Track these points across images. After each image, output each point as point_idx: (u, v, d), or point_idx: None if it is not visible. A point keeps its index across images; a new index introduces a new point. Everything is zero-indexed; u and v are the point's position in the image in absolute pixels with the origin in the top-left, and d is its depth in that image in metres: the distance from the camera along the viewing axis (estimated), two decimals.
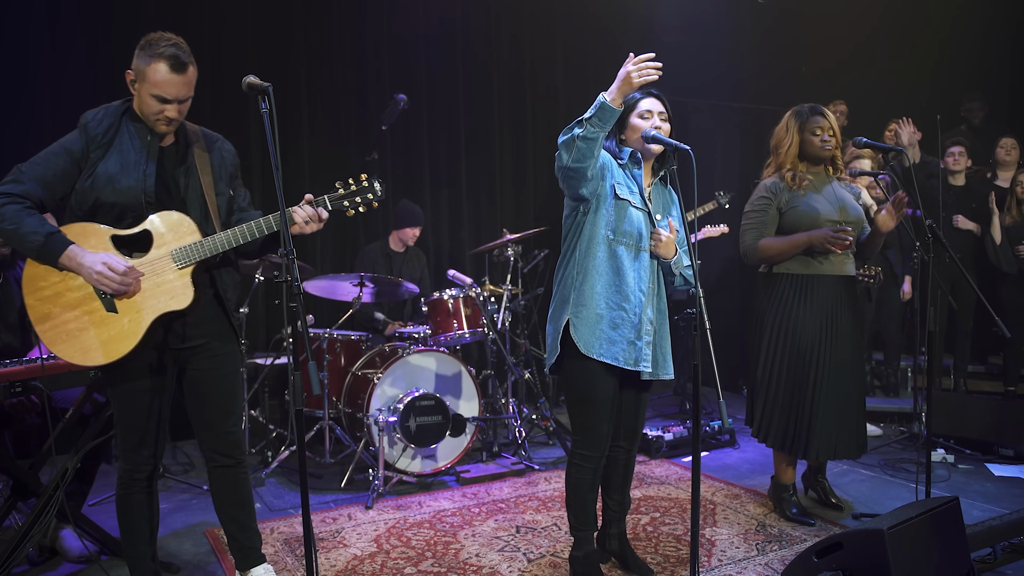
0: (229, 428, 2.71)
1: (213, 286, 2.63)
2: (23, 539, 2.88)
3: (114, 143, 2.47)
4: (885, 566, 2.49)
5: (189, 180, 2.57)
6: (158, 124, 2.48)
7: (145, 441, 2.57)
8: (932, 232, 3.31)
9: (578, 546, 2.94)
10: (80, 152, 2.44)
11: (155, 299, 2.46)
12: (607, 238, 2.76)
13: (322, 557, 3.25)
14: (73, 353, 2.41)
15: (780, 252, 3.53)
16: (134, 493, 2.61)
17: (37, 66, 4.94)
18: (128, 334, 2.43)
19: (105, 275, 2.36)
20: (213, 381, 2.66)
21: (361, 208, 2.60)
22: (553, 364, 2.86)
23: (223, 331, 2.67)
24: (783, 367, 3.56)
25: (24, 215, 2.35)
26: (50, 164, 2.42)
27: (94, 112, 2.51)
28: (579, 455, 2.87)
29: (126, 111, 2.53)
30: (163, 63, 2.38)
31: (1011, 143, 5.80)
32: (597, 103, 2.59)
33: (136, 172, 2.46)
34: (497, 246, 5.23)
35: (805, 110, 3.56)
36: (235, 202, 2.71)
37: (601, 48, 7.09)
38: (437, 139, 6.41)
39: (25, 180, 2.39)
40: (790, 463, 3.72)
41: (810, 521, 3.62)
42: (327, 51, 5.89)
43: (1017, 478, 4.30)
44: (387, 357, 4.42)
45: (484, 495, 4.10)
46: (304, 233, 2.55)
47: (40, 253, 2.37)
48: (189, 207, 2.54)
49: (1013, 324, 5.19)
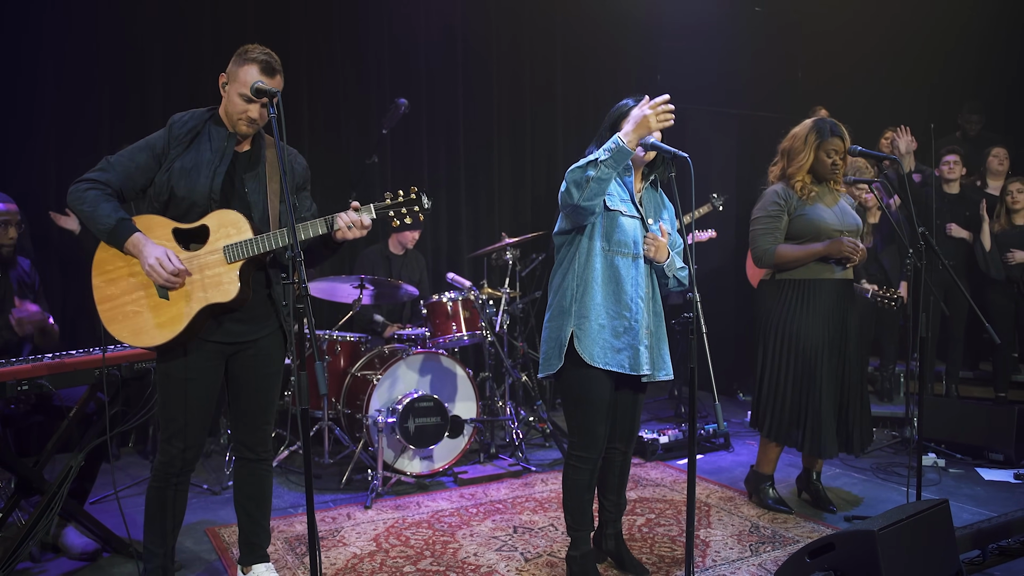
0: (261, 425, 2.80)
1: (268, 287, 2.72)
2: (27, 536, 2.92)
3: (194, 143, 2.63)
4: (876, 567, 2.54)
5: (257, 184, 2.69)
6: (240, 124, 2.62)
7: (181, 434, 2.64)
8: (925, 239, 3.38)
9: (575, 546, 2.98)
10: (162, 148, 2.61)
11: (203, 290, 2.57)
12: (603, 249, 2.82)
13: (322, 555, 3.29)
14: (126, 333, 2.57)
15: (796, 259, 3.63)
16: (165, 488, 2.68)
17: (37, 66, 4.98)
18: (172, 321, 2.55)
19: (156, 269, 2.49)
20: (254, 379, 2.75)
21: (407, 220, 2.66)
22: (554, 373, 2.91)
23: (273, 332, 2.77)
24: (790, 369, 3.66)
25: (102, 200, 2.52)
26: (134, 157, 2.60)
27: (181, 115, 2.67)
28: (576, 456, 2.92)
29: (211, 116, 2.69)
30: (255, 66, 2.55)
31: (1003, 153, 5.88)
32: (613, 145, 2.65)
33: (208, 170, 2.60)
34: (495, 250, 5.27)
35: (827, 129, 3.61)
36: (298, 211, 2.80)
37: (601, 53, 7.15)
38: (436, 143, 6.45)
39: (109, 169, 2.58)
40: (775, 456, 3.87)
41: (785, 509, 3.78)
42: (328, 54, 5.93)
43: (1006, 482, 4.36)
44: (386, 359, 4.47)
45: (482, 496, 4.14)
46: (347, 238, 2.62)
47: (110, 236, 2.52)
48: (252, 209, 2.66)
49: (1002, 330, 5.27)
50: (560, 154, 6.98)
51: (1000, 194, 5.58)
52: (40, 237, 4.83)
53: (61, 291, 5.06)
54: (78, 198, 2.53)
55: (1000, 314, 5.51)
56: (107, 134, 5.12)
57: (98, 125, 5.14)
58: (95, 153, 4.99)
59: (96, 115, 5.13)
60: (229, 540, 3.47)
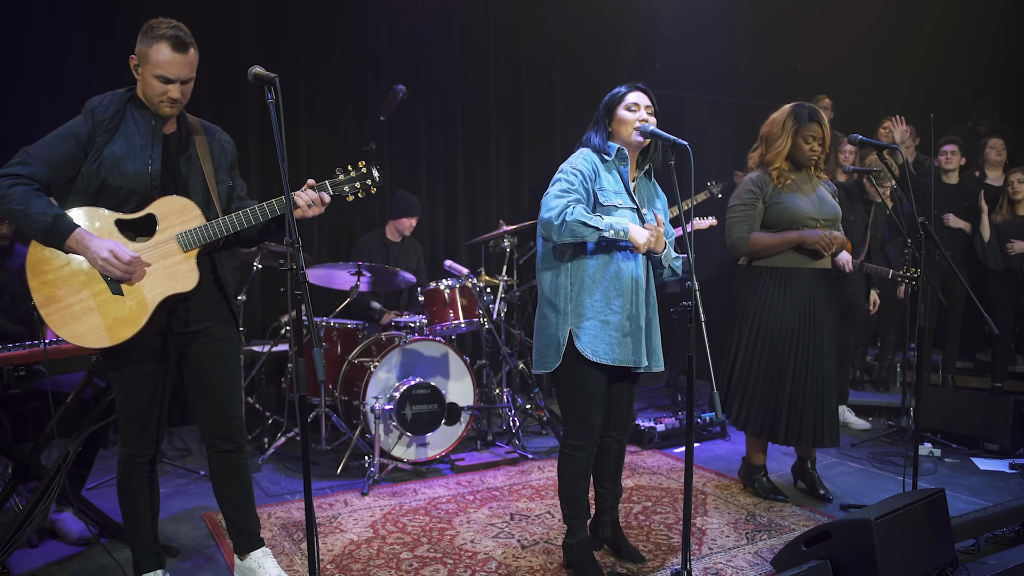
0: (231, 413, 2.75)
1: (214, 271, 2.67)
2: (25, 521, 2.91)
3: (119, 128, 2.51)
4: (872, 555, 2.55)
5: (191, 167, 2.61)
6: (162, 106, 2.51)
7: (147, 425, 2.60)
8: (924, 229, 3.37)
9: (571, 534, 2.99)
10: (86, 136, 2.47)
11: (161, 282, 2.50)
12: (600, 245, 2.80)
13: (319, 542, 3.29)
14: (78, 335, 2.44)
15: (770, 247, 3.61)
16: (135, 477, 2.65)
17: (37, 55, 4.94)
18: (133, 317, 2.47)
19: (111, 262, 2.40)
20: (214, 367, 2.69)
21: (360, 194, 2.65)
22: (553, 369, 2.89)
23: (223, 316, 2.72)
24: (762, 357, 3.66)
25: (32, 196, 2.37)
26: (56, 147, 2.45)
27: (100, 98, 2.54)
28: (571, 445, 2.92)
29: (131, 98, 2.56)
30: (165, 43, 2.43)
31: (1000, 144, 5.88)
32: (615, 229, 2.69)
33: (142, 156, 2.50)
34: (493, 237, 5.27)
35: (804, 115, 3.60)
36: (234, 191, 2.76)
37: (599, 41, 7.12)
38: (434, 130, 6.44)
39: (32, 162, 2.42)
40: (762, 448, 3.89)
41: (781, 497, 3.80)
42: (326, 41, 5.90)
43: (1001, 472, 4.38)
44: (383, 346, 4.46)
45: (478, 483, 4.15)
46: (306, 216, 2.58)
47: (47, 235, 2.39)
48: (192, 193, 2.58)
49: (1001, 321, 5.28)
50: (558, 142, 6.96)
51: (1002, 184, 5.58)
52: None
53: None
54: (3, 196, 2.35)
55: (1000, 305, 5.52)
56: None
57: None
58: None
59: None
60: (226, 526, 3.47)
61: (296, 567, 3.07)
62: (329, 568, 3.06)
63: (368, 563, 3.11)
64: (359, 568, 3.06)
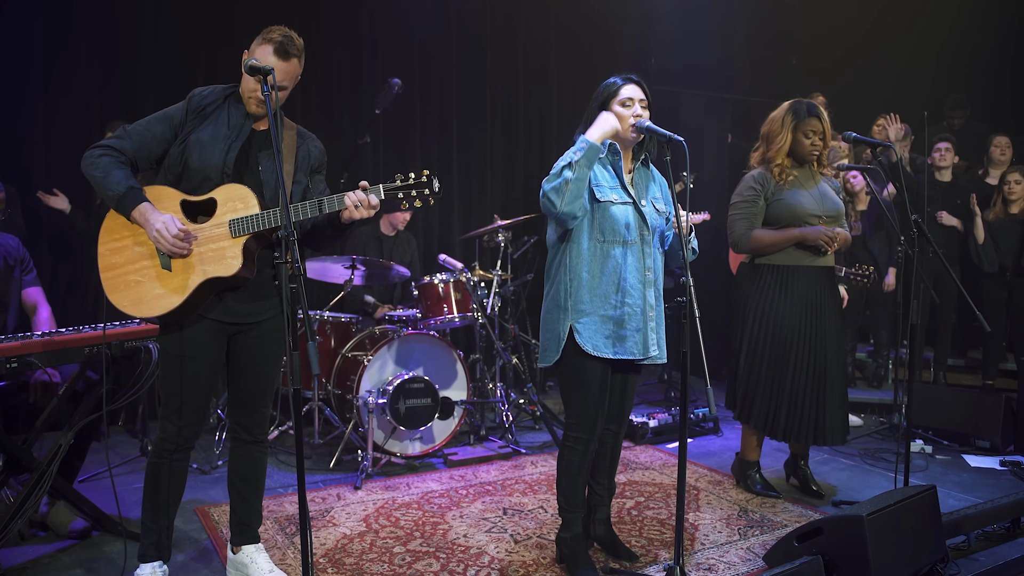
0: (260, 408, 2.80)
1: (274, 267, 2.66)
2: (16, 514, 2.90)
3: (211, 117, 2.63)
4: (864, 551, 2.56)
5: (271, 163, 2.67)
6: (250, 103, 2.62)
7: (179, 412, 2.63)
8: (917, 227, 3.38)
9: (566, 527, 2.99)
10: (179, 120, 2.61)
11: (205, 263, 2.55)
12: (598, 241, 2.80)
13: (312, 536, 3.29)
14: (126, 302, 2.57)
15: (772, 244, 3.62)
16: (160, 464, 2.67)
17: (30, 51, 4.91)
18: (176, 292, 2.54)
19: (161, 234, 2.48)
20: (255, 362, 2.74)
21: (417, 203, 2.58)
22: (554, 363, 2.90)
23: (276, 314, 2.74)
24: (765, 354, 3.66)
25: (113, 167, 2.52)
26: (151, 126, 2.60)
27: (202, 89, 2.67)
28: (573, 438, 2.92)
29: (232, 93, 2.68)
30: (270, 47, 2.54)
31: (1005, 142, 5.88)
32: (584, 145, 2.69)
33: (223, 145, 2.60)
34: (487, 231, 5.26)
35: (803, 110, 3.60)
36: (309, 193, 2.78)
37: (595, 35, 7.12)
38: (429, 123, 6.42)
39: (125, 137, 2.58)
40: (758, 443, 3.90)
41: (773, 493, 3.81)
42: (321, 34, 5.87)
43: (992, 469, 4.41)
44: (377, 340, 4.46)
45: (471, 477, 4.15)
46: (354, 218, 2.57)
47: (119, 203, 2.52)
48: (264, 186, 2.65)
49: (993, 319, 5.30)
50: (553, 136, 6.96)
51: (998, 183, 5.58)
52: (30, 218, 4.78)
53: (50, 270, 5.02)
54: (92, 163, 2.52)
55: (993, 303, 5.54)
56: (96, 113, 5.06)
57: (86, 108, 5.08)
58: (84, 132, 4.97)
59: (85, 96, 5.06)
60: (219, 519, 3.47)
61: (289, 560, 3.07)
62: (322, 562, 3.06)
63: (361, 557, 3.11)
64: (352, 562, 3.06)
